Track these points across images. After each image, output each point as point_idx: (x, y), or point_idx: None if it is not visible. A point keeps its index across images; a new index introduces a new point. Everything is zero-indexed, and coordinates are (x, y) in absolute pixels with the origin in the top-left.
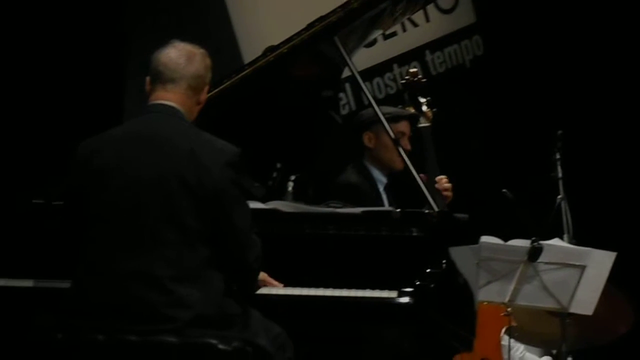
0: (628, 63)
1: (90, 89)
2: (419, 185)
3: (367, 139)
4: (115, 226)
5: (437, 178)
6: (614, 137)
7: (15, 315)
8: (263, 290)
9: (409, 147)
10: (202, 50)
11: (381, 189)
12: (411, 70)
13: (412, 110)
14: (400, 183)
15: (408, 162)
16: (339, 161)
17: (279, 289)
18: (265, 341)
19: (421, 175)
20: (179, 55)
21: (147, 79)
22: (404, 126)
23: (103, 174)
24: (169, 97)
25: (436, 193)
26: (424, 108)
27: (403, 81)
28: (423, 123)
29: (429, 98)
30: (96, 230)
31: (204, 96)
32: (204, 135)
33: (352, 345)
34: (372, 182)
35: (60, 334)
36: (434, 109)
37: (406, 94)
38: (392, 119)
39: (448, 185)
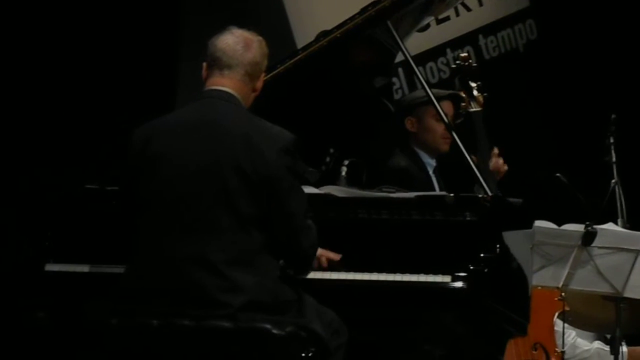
0: None
1: (144, 74)
2: (471, 167)
3: (410, 124)
4: (170, 212)
5: (492, 152)
6: None
7: (70, 300)
8: (317, 275)
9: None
10: (259, 38)
11: (430, 171)
12: (462, 54)
13: (463, 95)
14: (449, 166)
15: (459, 142)
16: (392, 146)
17: (332, 274)
18: (319, 326)
19: (472, 156)
20: (237, 42)
21: (204, 64)
22: (446, 106)
23: (158, 160)
24: (225, 83)
25: (489, 177)
26: (475, 92)
27: (454, 66)
28: (474, 108)
29: (479, 82)
30: (151, 216)
31: (259, 83)
32: (260, 122)
33: (405, 329)
34: (421, 166)
35: (114, 319)
36: (485, 94)
37: (457, 79)
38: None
39: (501, 161)
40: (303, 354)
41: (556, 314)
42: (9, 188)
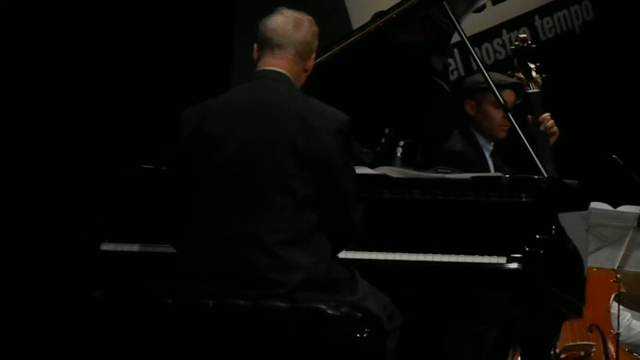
0: None
1: (200, 56)
2: (528, 150)
3: (469, 107)
4: (225, 191)
5: (541, 117)
6: None
7: (126, 279)
8: (371, 255)
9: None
10: (309, 17)
11: (487, 155)
12: (521, 35)
13: (521, 76)
14: (507, 149)
15: (517, 128)
16: (448, 127)
17: (386, 254)
18: (375, 306)
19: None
20: (287, 22)
21: (255, 46)
22: (507, 94)
23: (212, 140)
24: (276, 64)
25: (547, 159)
26: (534, 74)
27: (512, 47)
28: (533, 89)
29: (538, 64)
30: (205, 196)
31: (310, 63)
32: (314, 102)
33: (459, 311)
34: (478, 149)
35: (170, 298)
36: (544, 75)
37: (515, 60)
38: (495, 87)
39: (552, 121)
40: (358, 334)
41: (612, 296)
42: (66, 168)
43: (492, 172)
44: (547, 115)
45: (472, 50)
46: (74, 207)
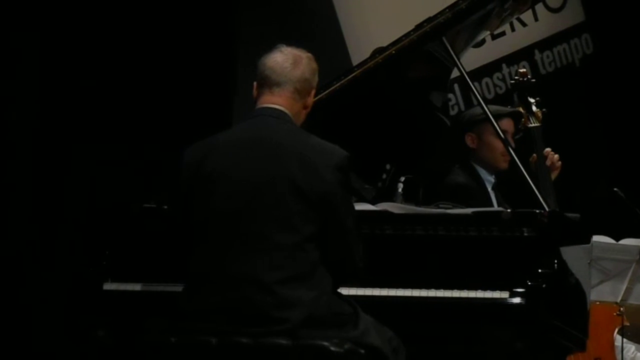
0: None
1: (201, 93)
2: (529, 184)
3: (470, 140)
4: (226, 230)
5: (545, 152)
6: None
7: (129, 318)
8: (374, 292)
9: (512, 144)
10: (308, 54)
11: (489, 188)
12: (520, 70)
13: (522, 110)
14: (509, 181)
15: (517, 160)
16: (449, 162)
17: (389, 290)
18: (379, 342)
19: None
20: (285, 59)
21: (254, 84)
22: (506, 124)
23: (213, 177)
24: (276, 101)
25: (549, 192)
26: (534, 108)
27: (512, 81)
28: (533, 123)
29: (538, 98)
30: (207, 234)
31: (310, 100)
32: (313, 139)
33: (464, 346)
34: (480, 182)
35: (173, 337)
36: (544, 109)
37: (515, 94)
38: (494, 118)
39: (556, 156)
40: None
41: (616, 329)
42: (69, 208)
43: (495, 205)
44: (549, 150)
45: (471, 85)
46: (77, 246)
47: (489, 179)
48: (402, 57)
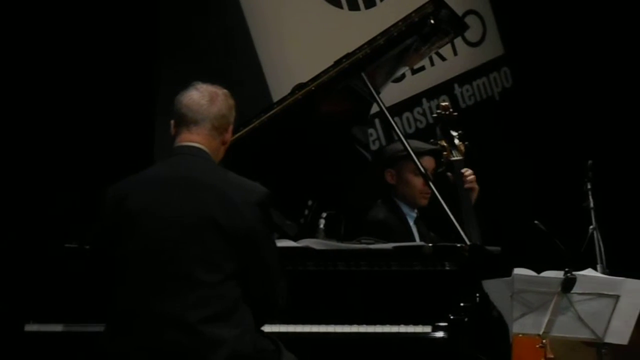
0: None
1: (121, 132)
2: (450, 219)
3: (390, 177)
4: (148, 268)
5: (463, 171)
6: None
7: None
8: (296, 328)
9: (433, 182)
10: (224, 91)
11: (411, 223)
12: (443, 104)
13: (444, 144)
14: (431, 216)
15: (438, 195)
16: (370, 197)
17: (312, 326)
18: None
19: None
20: (201, 97)
21: (172, 122)
22: (426, 161)
23: (134, 217)
24: (194, 139)
25: (471, 226)
26: (456, 141)
27: (435, 115)
28: (456, 156)
29: (460, 131)
30: (129, 273)
31: (228, 136)
32: (233, 176)
33: None
34: (402, 217)
35: None
36: (466, 142)
37: (438, 128)
38: (416, 155)
39: (473, 177)
40: None
41: None
42: None
43: (417, 240)
44: (467, 170)
45: (391, 120)
46: None
47: (410, 214)
48: (321, 93)
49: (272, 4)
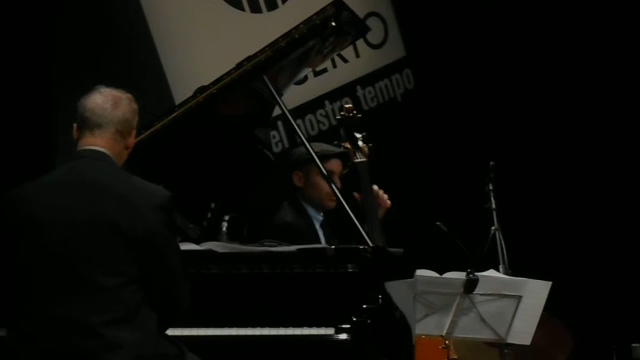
0: (559, 93)
1: (20, 135)
2: (352, 221)
3: (297, 179)
4: (50, 273)
5: (374, 190)
6: (545, 167)
7: None
8: (199, 332)
9: (339, 185)
10: (128, 95)
11: (317, 225)
12: (346, 105)
13: (348, 146)
14: (337, 219)
15: (342, 199)
16: (274, 199)
17: (214, 330)
18: None
19: (355, 194)
20: (105, 101)
21: (75, 125)
22: (334, 164)
23: (34, 221)
24: (97, 143)
25: (375, 228)
26: (360, 143)
27: (339, 117)
28: (359, 158)
29: (364, 133)
30: (29, 279)
31: (131, 140)
32: (134, 180)
33: None
34: (308, 220)
35: None
36: (370, 144)
37: (342, 130)
38: (321, 158)
39: (385, 195)
40: None
41: None
42: None
43: (323, 243)
44: (377, 188)
45: (294, 123)
46: None
47: (317, 217)
48: (223, 95)
49: (174, 10)
